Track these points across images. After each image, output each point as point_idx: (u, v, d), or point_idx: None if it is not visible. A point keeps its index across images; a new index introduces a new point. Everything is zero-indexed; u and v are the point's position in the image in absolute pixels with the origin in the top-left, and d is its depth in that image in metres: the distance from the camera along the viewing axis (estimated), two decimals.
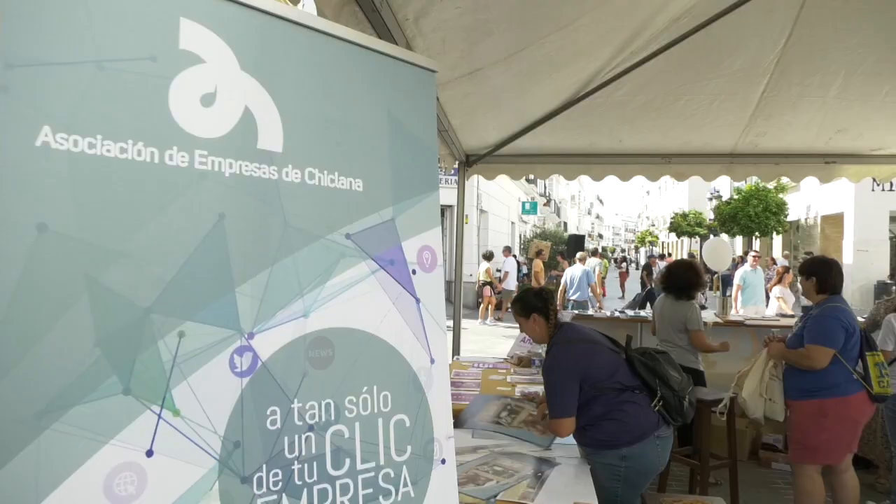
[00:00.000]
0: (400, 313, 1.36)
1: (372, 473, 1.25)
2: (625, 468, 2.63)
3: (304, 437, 1.17)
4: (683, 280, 4.59)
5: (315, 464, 1.17)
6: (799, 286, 4.51)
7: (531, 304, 2.93)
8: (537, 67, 4.02)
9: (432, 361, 1.39)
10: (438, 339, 1.41)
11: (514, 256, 21.34)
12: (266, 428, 1.11)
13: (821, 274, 3.67)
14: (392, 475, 1.27)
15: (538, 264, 14.43)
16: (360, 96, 1.36)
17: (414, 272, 1.40)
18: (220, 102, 1.15)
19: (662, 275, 5.01)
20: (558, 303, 13.74)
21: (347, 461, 1.21)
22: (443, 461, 1.37)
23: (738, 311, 8.96)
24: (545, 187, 38.13)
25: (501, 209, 23.95)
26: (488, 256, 16.05)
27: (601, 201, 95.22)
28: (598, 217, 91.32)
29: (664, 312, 4.66)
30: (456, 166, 5.89)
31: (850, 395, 3.44)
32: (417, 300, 1.39)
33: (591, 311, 8.20)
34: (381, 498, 1.25)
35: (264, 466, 1.10)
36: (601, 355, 2.75)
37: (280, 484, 1.13)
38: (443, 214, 18.04)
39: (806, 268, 3.76)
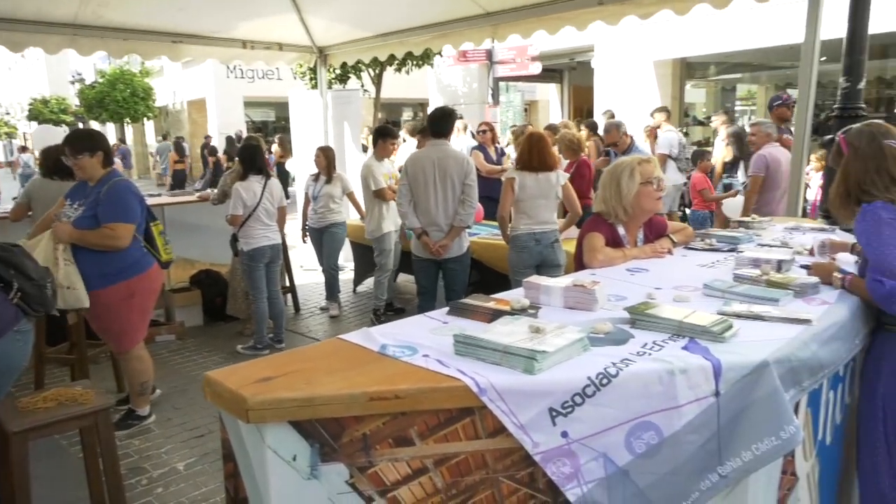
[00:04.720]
0: None
1: None
2: None
3: None
4: (56, 162, 4.36)
5: None
6: None
7: None
8: None
9: None
10: None
11: None
12: None
13: (102, 145, 3.47)
14: None
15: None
16: None
17: None
18: None
19: (42, 159, 4.88)
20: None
21: None
22: None
23: None
24: None
25: None
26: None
27: None
28: None
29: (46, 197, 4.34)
30: None
31: (148, 269, 3.52)
32: None
33: None
34: None
35: None
36: None
37: None
38: None
39: (81, 147, 3.40)
